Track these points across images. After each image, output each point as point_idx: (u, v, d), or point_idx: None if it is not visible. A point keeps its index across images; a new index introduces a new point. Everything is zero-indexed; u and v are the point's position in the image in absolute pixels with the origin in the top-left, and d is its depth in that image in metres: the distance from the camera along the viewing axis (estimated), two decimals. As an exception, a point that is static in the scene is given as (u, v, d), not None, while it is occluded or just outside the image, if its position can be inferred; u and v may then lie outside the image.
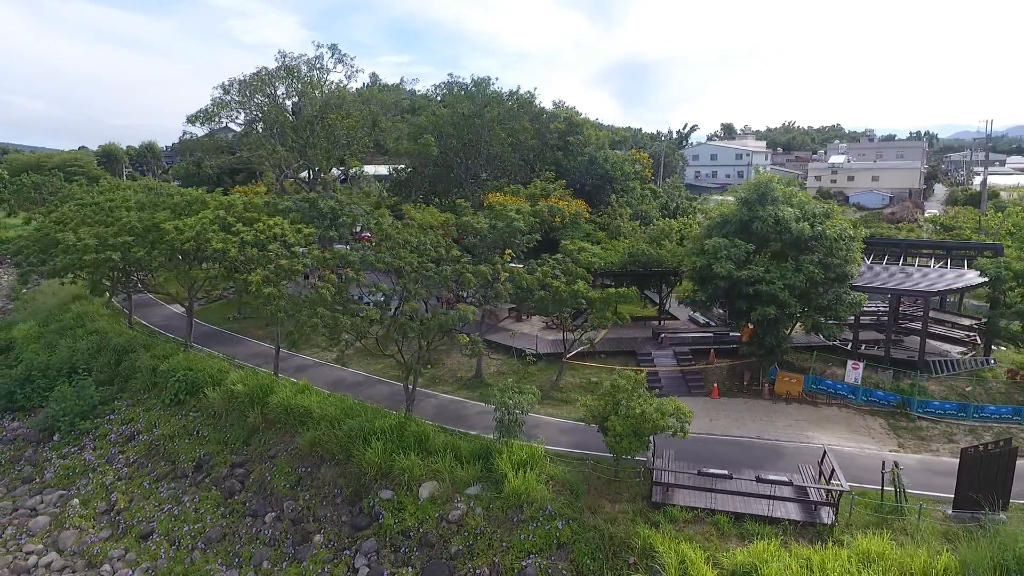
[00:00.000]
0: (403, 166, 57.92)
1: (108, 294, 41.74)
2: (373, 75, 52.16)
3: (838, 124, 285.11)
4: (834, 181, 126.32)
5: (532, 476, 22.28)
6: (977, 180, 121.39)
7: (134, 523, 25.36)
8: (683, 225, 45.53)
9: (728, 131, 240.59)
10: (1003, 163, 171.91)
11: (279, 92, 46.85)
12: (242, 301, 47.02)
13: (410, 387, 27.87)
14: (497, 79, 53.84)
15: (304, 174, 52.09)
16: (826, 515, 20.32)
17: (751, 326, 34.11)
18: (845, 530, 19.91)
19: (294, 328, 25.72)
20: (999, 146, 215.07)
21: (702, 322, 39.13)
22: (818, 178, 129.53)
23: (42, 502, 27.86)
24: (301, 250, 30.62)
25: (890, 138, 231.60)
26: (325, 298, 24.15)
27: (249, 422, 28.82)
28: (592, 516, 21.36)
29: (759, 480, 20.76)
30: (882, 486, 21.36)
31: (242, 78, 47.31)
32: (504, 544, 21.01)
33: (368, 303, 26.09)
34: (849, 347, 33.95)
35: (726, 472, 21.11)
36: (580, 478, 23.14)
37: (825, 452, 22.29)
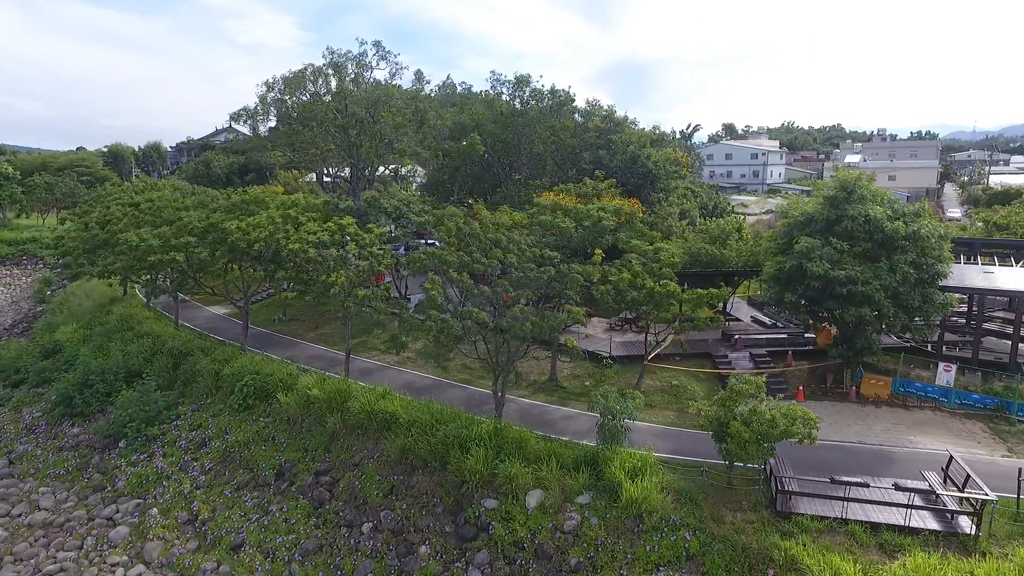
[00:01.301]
0: (437, 167, 57.03)
1: (151, 296, 40.89)
2: (418, 72, 50.79)
3: (839, 124, 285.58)
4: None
5: (651, 484, 21.48)
6: (991, 180, 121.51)
7: (222, 534, 24.45)
8: (734, 224, 44.88)
9: (730, 131, 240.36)
10: (1007, 162, 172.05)
11: (326, 88, 45.82)
12: (286, 303, 46.48)
13: (499, 392, 26.98)
14: (542, 76, 52.99)
15: (344, 172, 51.16)
16: (966, 525, 19.56)
17: (829, 327, 33.53)
18: (990, 541, 19.17)
19: (401, 330, 24.74)
20: (996, 146, 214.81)
21: (769, 323, 38.43)
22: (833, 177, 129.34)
23: (117, 511, 26.92)
24: (394, 248, 29.72)
25: (892, 138, 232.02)
26: (436, 300, 23.24)
27: (328, 428, 27.94)
28: (717, 526, 20.61)
29: (897, 488, 19.98)
30: (1019, 494, 20.64)
31: (287, 74, 46.37)
32: (629, 556, 20.20)
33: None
34: (929, 348, 33.28)
35: (862, 480, 20.34)
36: (694, 486, 22.35)
37: (952, 458, 21.57)
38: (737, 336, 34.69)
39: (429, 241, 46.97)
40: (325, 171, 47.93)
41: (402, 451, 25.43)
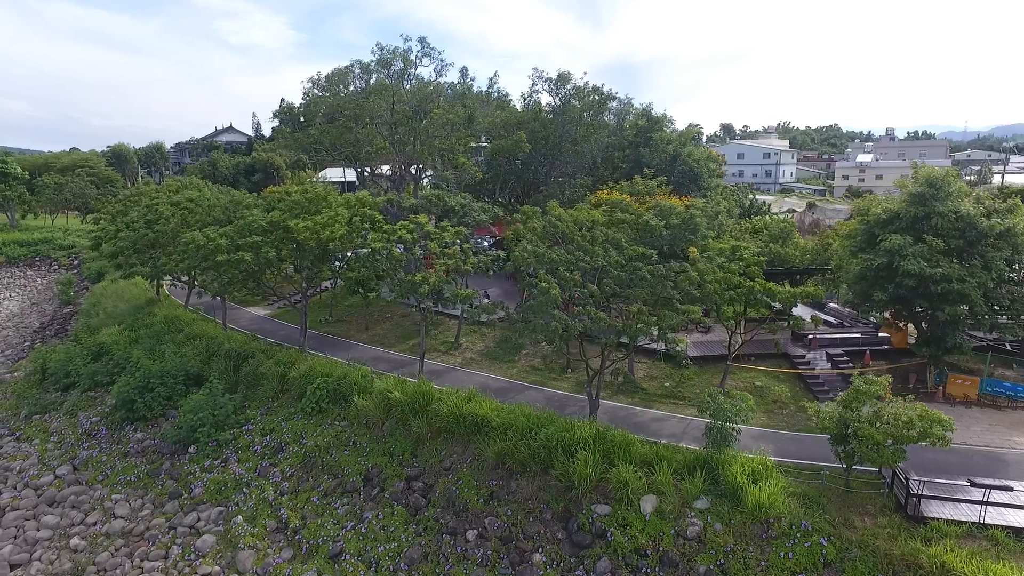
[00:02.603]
0: (482, 165, 56.25)
1: (194, 296, 39.94)
2: (463, 69, 50.01)
3: (836, 124, 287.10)
4: (862, 180, 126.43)
5: (777, 489, 20.85)
6: (995, 180, 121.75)
7: (318, 542, 23.61)
8: (787, 223, 44.42)
9: (728, 131, 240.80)
10: (1007, 162, 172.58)
11: (371, 85, 44.97)
12: (332, 304, 45.61)
13: (594, 395, 26.28)
14: (586, 74, 52.31)
15: (385, 169, 50.35)
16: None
17: (905, 327, 33.06)
18: None
19: (524, 331, 23.84)
20: (992, 145, 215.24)
21: (835, 322, 37.94)
22: (846, 177, 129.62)
23: (199, 519, 26.04)
24: (485, 243, 28.95)
25: (892, 139, 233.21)
26: (557, 299, 22.45)
27: (414, 432, 27.17)
28: (849, 531, 20.00)
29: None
30: None
31: (331, 71, 45.52)
32: (762, 563, 19.56)
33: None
34: (1008, 347, 32.86)
35: (1007, 483, 19.79)
36: (813, 490, 21.75)
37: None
38: (812, 336, 34.13)
39: (478, 241, 46.24)
40: (366, 170, 47.03)
41: (499, 455, 24.70)
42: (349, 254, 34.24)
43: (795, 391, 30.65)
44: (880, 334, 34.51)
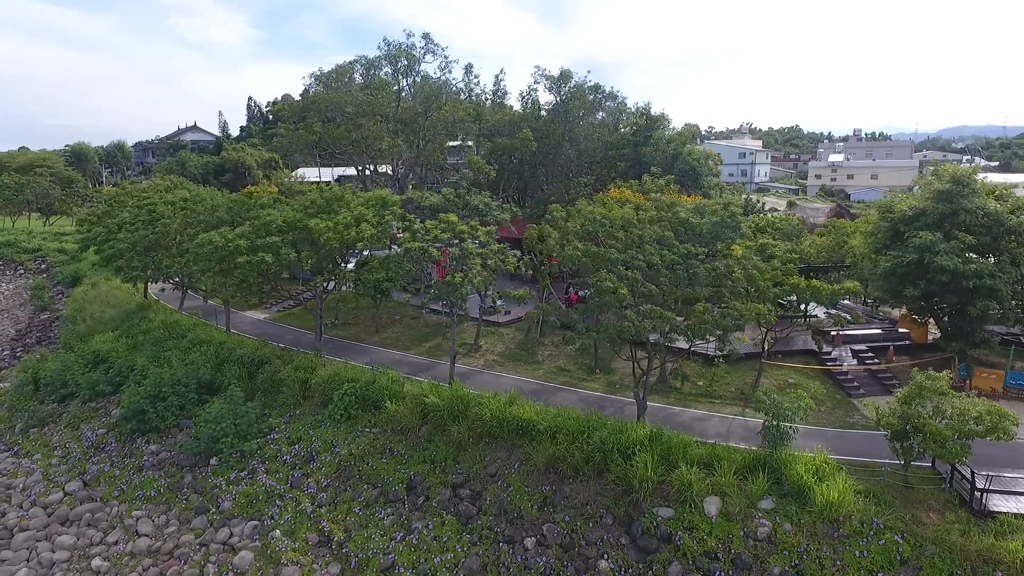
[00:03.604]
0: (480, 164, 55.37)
1: (212, 297, 38.28)
2: (468, 65, 48.98)
3: (797, 125, 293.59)
4: (834, 179, 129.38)
5: (845, 487, 20.70)
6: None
7: (367, 556, 22.60)
8: (796, 221, 44.84)
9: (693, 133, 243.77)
10: (960, 162, 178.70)
11: (372, 81, 43.73)
12: (338, 306, 44.24)
13: (642, 396, 25.82)
14: (590, 72, 51.93)
15: (385, 168, 49.14)
16: None
17: (927, 322, 33.52)
18: None
19: (599, 333, 23.07)
20: (944, 147, 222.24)
21: (850, 319, 38.31)
22: (818, 176, 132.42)
23: (231, 534, 24.73)
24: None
25: (845, 139, 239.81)
26: (624, 297, 21.87)
27: (455, 438, 26.33)
28: (920, 528, 19.96)
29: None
30: None
31: (333, 67, 44.17)
32: (837, 563, 19.37)
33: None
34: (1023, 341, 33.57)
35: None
36: (876, 487, 21.68)
37: None
38: (834, 332, 34.35)
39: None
40: (367, 169, 45.71)
41: (550, 460, 24.06)
42: (366, 254, 33.12)
43: (827, 388, 30.73)
44: (900, 330, 34.92)
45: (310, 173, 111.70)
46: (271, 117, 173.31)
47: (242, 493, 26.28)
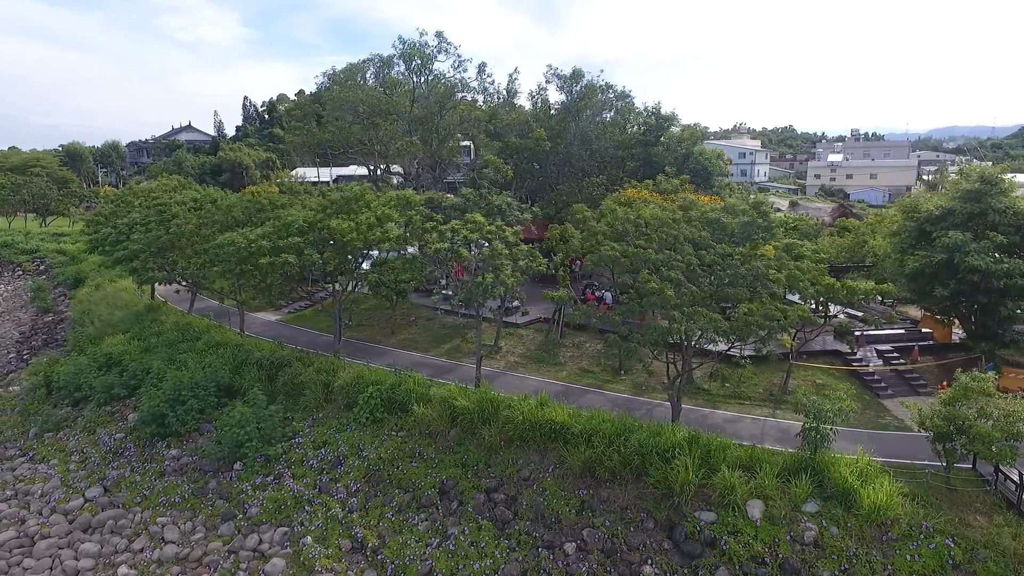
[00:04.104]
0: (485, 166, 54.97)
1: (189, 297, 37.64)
2: (482, 64, 48.45)
3: (790, 125, 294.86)
4: (833, 179, 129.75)
5: (892, 490, 20.48)
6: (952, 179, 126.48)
7: (403, 562, 22.18)
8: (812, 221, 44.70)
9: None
10: (953, 162, 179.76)
11: (382, 80, 43.24)
12: (351, 308, 43.71)
13: (676, 398, 25.53)
14: (603, 71, 51.64)
15: (397, 168, 48.63)
16: None
17: (951, 322, 33.41)
18: None
19: (645, 335, 22.66)
20: (936, 147, 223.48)
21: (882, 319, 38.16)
22: (818, 176, 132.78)
23: (261, 541, 24.23)
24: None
25: (839, 139, 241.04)
26: (671, 299, 21.51)
27: (486, 441, 25.95)
28: (969, 531, 19.77)
29: None
30: None
31: (346, 66, 43.65)
32: (888, 568, 19.14)
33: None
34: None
35: None
36: (920, 489, 21.48)
37: None
38: (858, 333, 34.16)
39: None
40: (379, 169, 45.18)
41: (587, 463, 23.72)
42: (388, 254, 32.65)
43: (855, 389, 30.53)
44: (923, 330, 34.81)
45: (309, 173, 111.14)
46: (268, 116, 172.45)
47: (269, 498, 25.77)
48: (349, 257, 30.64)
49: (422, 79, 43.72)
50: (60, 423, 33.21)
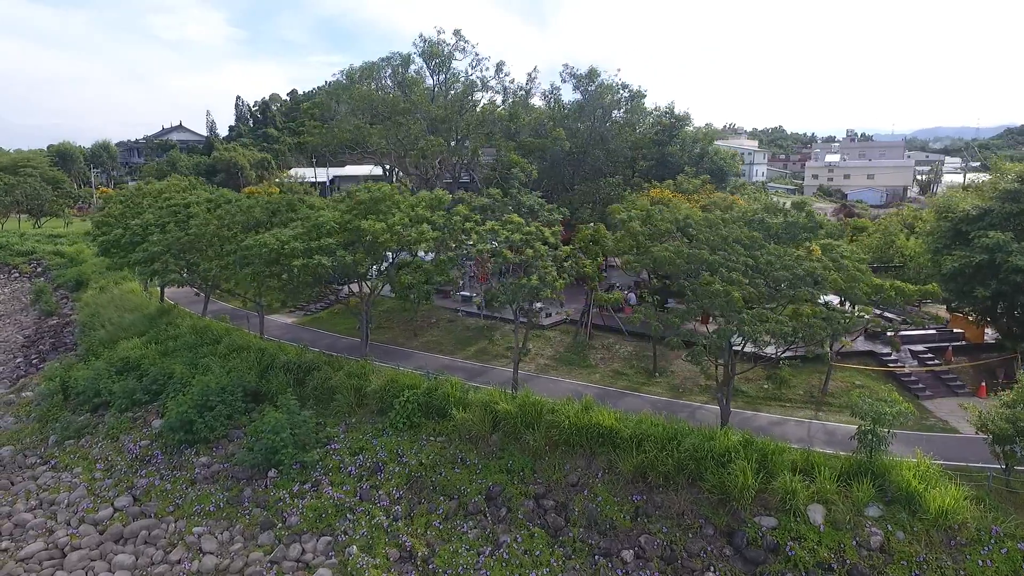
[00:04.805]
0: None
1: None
2: (500, 63, 47.77)
3: (780, 126, 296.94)
4: (831, 179, 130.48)
5: (958, 493, 20.19)
6: (949, 179, 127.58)
7: (456, 572, 21.62)
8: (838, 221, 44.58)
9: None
10: (942, 163, 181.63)
11: (403, 78, 42.59)
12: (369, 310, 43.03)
13: (725, 401, 25.14)
14: (620, 70, 51.30)
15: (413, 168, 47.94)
16: None
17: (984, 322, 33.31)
18: None
19: (717, 336, 22.14)
20: (918, 146, 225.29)
21: (899, 318, 38.07)
22: (815, 176, 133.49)
23: (303, 551, 23.55)
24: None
25: (829, 139, 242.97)
26: (739, 302, 21.06)
27: (530, 446, 25.43)
28: (1038, 535, 19.50)
29: None
30: None
31: (363, 64, 42.96)
32: (961, 573, 18.83)
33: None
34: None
35: None
36: (982, 492, 21.22)
37: None
38: (892, 332, 34.00)
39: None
40: (394, 168, 44.54)
41: (639, 468, 23.28)
42: (424, 255, 32.07)
43: (895, 390, 30.29)
44: (954, 330, 34.72)
45: (305, 174, 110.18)
46: (261, 116, 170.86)
47: (309, 507, 25.08)
48: (380, 259, 29.95)
49: (441, 78, 43.17)
50: (81, 430, 32.29)
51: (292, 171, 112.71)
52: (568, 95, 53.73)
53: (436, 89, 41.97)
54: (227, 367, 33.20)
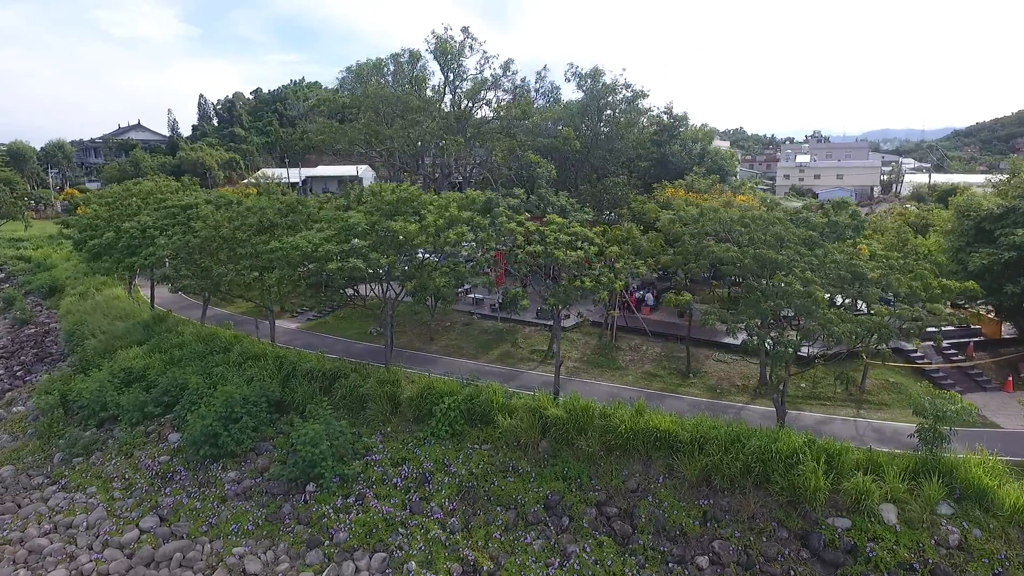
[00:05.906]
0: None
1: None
2: (507, 62, 46.75)
3: (741, 128, 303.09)
4: (801, 179, 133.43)
5: (1030, 490, 20.35)
6: (909, 179, 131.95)
7: (528, 586, 20.82)
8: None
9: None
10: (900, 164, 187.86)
11: (413, 76, 41.48)
12: (381, 313, 41.74)
13: (780, 401, 24.94)
14: (625, 70, 51.12)
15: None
16: None
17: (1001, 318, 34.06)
18: None
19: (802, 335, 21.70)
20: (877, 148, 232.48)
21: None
22: (787, 176, 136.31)
23: (357, 569, 22.41)
24: None
25: (790, 140, 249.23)
26: (822, 301, 20.70)
27: (584, 452, 24.80)
28: (1108, 528, 19.78)
29: None
30: None
31: (367, 60, 41.67)
32: (1043, 569, 18.93)
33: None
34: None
35: None
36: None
37: None
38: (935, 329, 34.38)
39: None
40: (404, 167, 43.32)
41: (703, 472, 22.88)
42: (460, 258, 31.12)
43: (929, 387, 30.63)
44: (972, 326, 35.42)
45: (275, 173, 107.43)
46: (228, 115, 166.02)
47: (357, 522, 23.88)
48: (413, 260, 28.93)
49: (450, 75, 42.16)
50: (89, 446, 30.31)
51: (263, 171, 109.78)
52: (569, 95, 53.16)
53: (445, 87, 41.03)
54: (245, 376, 31.61)
